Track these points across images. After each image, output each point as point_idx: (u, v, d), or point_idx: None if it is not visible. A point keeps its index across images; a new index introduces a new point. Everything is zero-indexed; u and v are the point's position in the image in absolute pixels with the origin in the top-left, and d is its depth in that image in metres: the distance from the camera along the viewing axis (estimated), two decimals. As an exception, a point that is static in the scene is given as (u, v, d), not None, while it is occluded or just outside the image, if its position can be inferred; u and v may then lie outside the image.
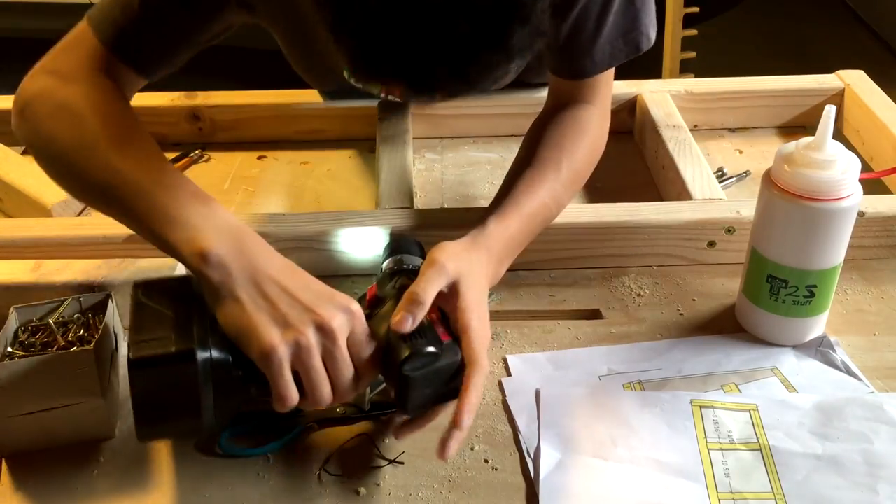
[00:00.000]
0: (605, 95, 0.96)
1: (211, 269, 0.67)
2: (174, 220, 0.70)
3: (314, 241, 0.93)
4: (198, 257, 0.67)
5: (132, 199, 0.72)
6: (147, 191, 0.71)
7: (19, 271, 0.86)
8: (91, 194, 0.78)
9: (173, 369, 0.64)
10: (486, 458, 0.74)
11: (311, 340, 0.66)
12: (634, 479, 0.72)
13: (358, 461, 0.74)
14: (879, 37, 3.28)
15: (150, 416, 0.66)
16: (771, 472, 0.72)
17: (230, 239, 0.69)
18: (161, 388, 0.64)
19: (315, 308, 0.67)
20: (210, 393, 0.65)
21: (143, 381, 0.64)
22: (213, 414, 0.66)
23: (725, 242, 0.95)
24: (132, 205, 0.72)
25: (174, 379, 0.64)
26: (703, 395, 0.79)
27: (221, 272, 0.67)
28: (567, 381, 0.81)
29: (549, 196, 0.86)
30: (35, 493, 0.72)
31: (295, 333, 0.65)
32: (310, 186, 1.15)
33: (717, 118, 1.24)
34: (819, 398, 0.78)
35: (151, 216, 0.71)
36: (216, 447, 0.73)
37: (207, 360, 0.65)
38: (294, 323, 0.66)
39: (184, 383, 0.65)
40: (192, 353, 0.64)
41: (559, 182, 0.87)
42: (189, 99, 1.22)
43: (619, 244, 0.95)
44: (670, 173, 1.07)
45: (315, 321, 0.66)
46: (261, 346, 0.65)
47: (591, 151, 0.93)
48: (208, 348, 0.65)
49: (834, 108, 0.76)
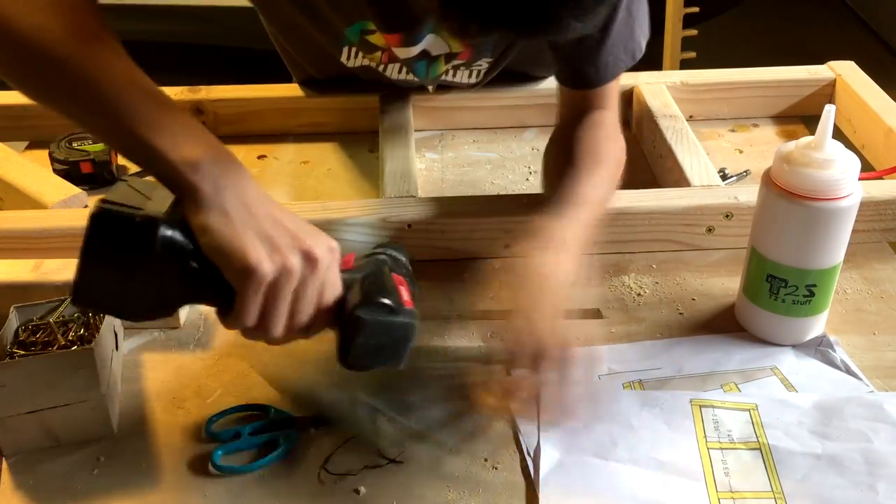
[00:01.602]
0: (615, 107, 0.97)
1: (201, 178, 0.63)
2: (158, 124, 0.65)
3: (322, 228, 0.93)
4: (188, 163, 0.64)
5: (107, 98, 0.66)
6: (125, 91, 0.66)
7: (20, 270, 0.86)
8: (54, 86, 0.69)
9: (132, 235, 0.62)
10: (486, 457, 0.74)
11: (295, 267, 0.64)
12: (634, 479, 0.72)
13: (358, 461, 0.74)
14: (880, 37, 3.28)
15: (92, 279, 0.62)
16: (771, 471, 0.72)
17: (218, 153, 0.66)
18: (113, 247, 0.62)
19: (303, 236, 0.66)
20: (160, 270, 0.63)
21: (99, 233, 0.61)
22: (156, 294, 0.64)
23: (724, 228, 0.97)
24: (107, 104, 0.66)
25: (129, 241, 0.62)
26: (702, 394, 0.79)
27: (211, 183, 0.64)
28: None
29: (608, 188, 0.90)
30: (35, 493, 0.72)
31: (282, 257, 0.64)
32: (310, 186, 1.15)
33: (712, 108, 1.26)
34: (819, 397, 0.78)
35: (131, 118, 0.65)
36: (210, 465, 0.73)
37: (169, 238, 0.62)
38: (282, 247, 0.64)
39: (136, 250, 0.62)
40: (156, 226, 0.62)
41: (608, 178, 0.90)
42: (192, 93, 1.23)
43: (619, 230, 0.97)
44: (668, 162, 1.08)
45: (302, 249, 0.65)
46: (246, 261, 0.62)
47: (621, 153, 0.95)
48: (174, 228, 0.63)
49: (833, 107, 0.76)
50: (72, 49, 0.66)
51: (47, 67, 0.67)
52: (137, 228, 0.62)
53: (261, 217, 0.65)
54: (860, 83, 1.21)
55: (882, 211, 0.97)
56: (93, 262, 0.62)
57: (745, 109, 1.27)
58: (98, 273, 0.62)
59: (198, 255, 0.64)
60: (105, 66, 0.67)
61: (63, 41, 0.67)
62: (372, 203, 0.98)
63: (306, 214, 0.94)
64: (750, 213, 0.86)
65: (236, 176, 0.66)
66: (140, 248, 0.62)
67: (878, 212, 0.97)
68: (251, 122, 1.24)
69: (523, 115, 1.24)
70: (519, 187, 1.13)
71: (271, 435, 0.75)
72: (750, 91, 1.26)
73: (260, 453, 0.74)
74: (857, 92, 1.19)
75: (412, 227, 0.95)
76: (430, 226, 0.95)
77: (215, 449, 0.74)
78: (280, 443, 0.74)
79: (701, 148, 1.08)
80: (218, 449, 0.74)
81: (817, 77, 1.25)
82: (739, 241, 0.96)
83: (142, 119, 0.65)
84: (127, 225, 0.62)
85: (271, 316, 0.65)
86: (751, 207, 0.90)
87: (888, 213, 0.98)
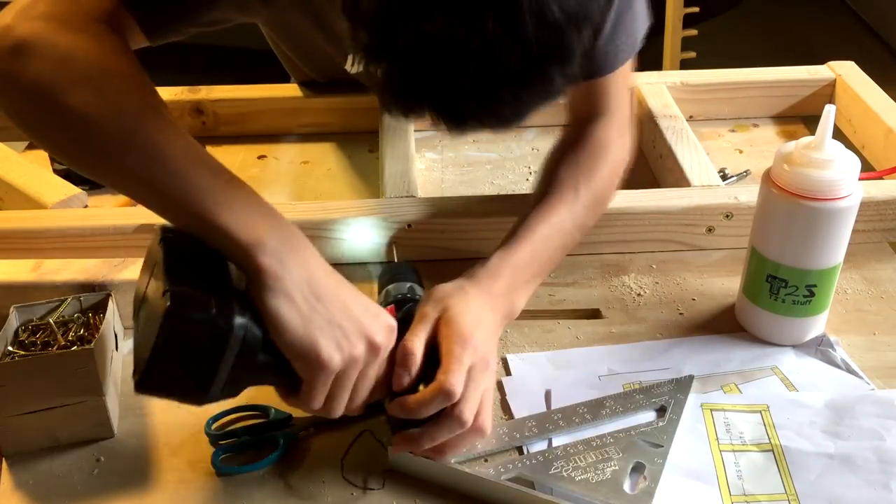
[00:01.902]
0: (622, 103, 0.94)
1: (268, 258, 0.63)
2: (224, 202, 0.64)
3: (321, 229, 0.94)
4: (254, 243, 0.63)
5: (170, 177, 0.65)
6: (187, 170, 0.65)
7: (19, 271, 0.86)
8: (111, 167, 0.68)
9: (207, 331, 0.60)
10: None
11: (362, 356, 0.66)
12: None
13: (359, 461, 0.73)
14: (880, 37, 3.28)
15: (162, 371, 0.61)
16: (783, 472, 0.72)
17: (282, 230, 0.65)
18: (186, 346, 0.60)
19: (366, 323, 0.66)
20: (230, 365, 0.62)
21: (173, 332, 0.59)
22: (222, 386, 0.63)
23: (724, 228, 0.97)
24: (170, 183, 0.65)
25: (204, 341, 0.60)
26: (712, 398, 0.79)
27: (277, 263, 0.63)
28: (568, 381, 0.81)
29: (568, 219, 0.85)
30: (35, 493, 0.72)
31: (350, 347, 0.65)
32: (310, 186, 1.15)
33: (712, 108, 1.26)
34: (830, 396, 0.78)
35: (194, 196, 0.64)
36: (210, 465, 0.73)
37: (242, 333, 0.61)
38: (350, 336, 0.65)
39: (211, 348, 0.60)
40: (231, 321, 0.61)
41: (578, 204, 0.85)
42: (192, 93, 1.23)
43: (620, 230, 0.97)
44: (668, 162, 1.08)
45: (367, 337, 0.66)
46: (318, 357, 0.63)
47: (612, 170, 0.91)
48: (246, 322, 0.62)
49: (833, 107, 0.76)
50: (132, 125, 0.66)
51: (107, 146, 0.66)
52: (213, 321, 0.60)
53: (328, 301, 0.65)
54: (860, 83, 1.22)
55: (882, 211, 0.97)
56: (163, 354, 0.60)
57: (745, 109, 1.27)
58: (167, 365, 0.61)
59: (267, 345, 0.64)
60: (165, 147, 0.66)
61: (120, 118, 0.66)
62: (372, 203, 0.98)
63: (306, 214, 0.94)
64: (750, 213, 0.86)
65: (302, 252, 0.66)
66: (215, 342, 0.61)
67: (878, 212, 0.97)
68: (251, 122, 1.24)
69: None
70: (519, 187, 1.13)
71: (271, 435, 0.75)
72: (750, 91, 1.26)
73: (260, 454, 0.74)
74: (857, 92, 1.19)
75: (412, 227, 0.95)
76: (430, 226, 0.95)
77: (215, 449, 0.74)
78: (280, 443, 0.74)
79: (701, 148, 1.08)
80: (218, 449, 0.74)
81: (817, 77, 1.25)
82: (739, 241, 0.96)
83: (208, 197, 0.64)
84: (202, 315, 0.60)
85: (334, 400, 0.67)
86: (751, 207, 0.90)
87: (888, 213, 0.98)
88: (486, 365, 0.70)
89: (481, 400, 0.70)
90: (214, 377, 0.62)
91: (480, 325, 0.72)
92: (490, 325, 0.74)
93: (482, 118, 0.62)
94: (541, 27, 0.56)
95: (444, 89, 0.59)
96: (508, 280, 0.78)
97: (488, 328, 0.73)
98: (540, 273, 0.83)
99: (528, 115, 0.63)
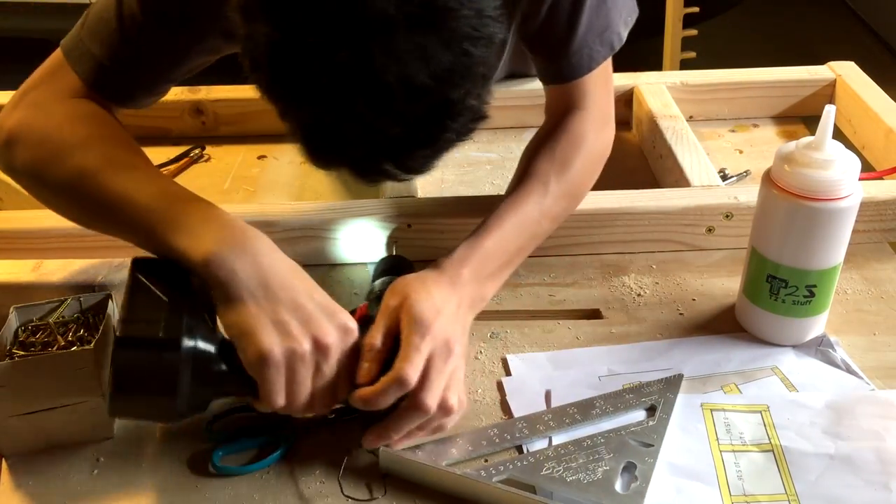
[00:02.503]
0: (599, 99, 0.93)
1: (216, 271, 0.67)
2: (178, 227, 0.70)
3: (321, 229, 0.94)
4: (203, 258, 0.67)
5: (135, 218, 0.72)
6: (149, 207, 0.71)
7: (19, 271, 0.86)
8: (89, 219, 0.78)
9: (156, 354, 0.65)
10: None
11: (307, 353, 0.67)
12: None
13: (358, 463, 0.73)
14: (880, 37, 3.28)
15: (126, 394, 0.66)
16: (784, 472, 0.72)
17: (233, 239, 0.69)
18: (141, 370, 0.65)
19: (315, 321, 0.67)
20: (188, 381, 0.65)
21: (125, 359, 0.65)
22: (186, 402, 0.66)
23: (724, 228, 0.97)
24: (135, 223, 0.72)
25: (156, 364, 0.65)
26: (712, 398, 0.79)
27: (225, 273, 0.67)
28: (568, 382, 0.81)
29: (536, 209, 0.85)
30: (35, 493, 0.72)
31: (292, 342, 0.66)
32: (310, 186, 1.15)
33: (713, 109, 1.26)
34: (830, 397, 0.78)
35: (158, 230, 0.70)
36: (210, 466, 0.73)
37: (191, 350, 0.65)
38: (293, 332, 0.66)
39: (164, 369, 0.65)
40: (178, 341, 0.65)
41: (548, 195, 0.86)
42: (192, 93, 1.23)
43: (620, 230, 0.97)
44: (668, 162, 1.08)
45: (313, 335, 0.67)
46: (258, 350, 0.65)
47: (588, 161, 0.91)
48: (195, 338, 0.66)
49: (833, 108, 0.76)
50: (93, 188, 0.74)
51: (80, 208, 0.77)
52: (160, 344, 0.65)
53: (278, 299, 0.67)
54: (860, 83, 1.21)
55: (882, 211, 0.97)
56: (120, 379, 0.65)
57: (746, 109, 1.27)
58: (129, 389, 0.66)
59: (224, 353, 0.67)
60: (128, 192, 0.73)
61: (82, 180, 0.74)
62: (372, 203, 0.98)
63: (306, 214, 0.94)
64: (750, 213, 0.86)
65: (253, 253, 0.68)
66: (166, 362, 0.65)
67: (878, 212, 0.97)
68: (251, 122, 1.24)
69: (523, 115, 1.24)
70: (519, 187, 1.13)
71: (271, 435, 0.75)
72: (750, 91, 1.26)
73: (259, 454, 0.74)
74: (858, 92, 1.19)
75: (412, 227, 0.95)
76: (430, 226, 0.95)
77: (215, 449, 0.74)
78: (279, 443, 0.74)
79: (701, 148, 1.08)
80: (218, 449, 0.74)
81: (817, 77, 1.25)
82: (739, 241, 0.96)
83: (165, 228, 0.70)
84: (149, 339, 0.65)
85: (294, 397, 0.68)
86: (751, 207, 0.90)
87: (888, 213, 0.98)
88: (448, 350, 0.70)
89: (447, 382, 0.70)
90: (176, 395, 0.65)
91: (441, 312, 0.72)
92: (451, 310, 0.74)
93: (392, 176, 0.66)
94: (411, 97, 0.59)
95: (339, 161, 0.65)
96: (475, 268, 0.79)
97: (449, 314, 0.73)
98: (510, 262, 0.84)
99: (436, 162, 0.67)
